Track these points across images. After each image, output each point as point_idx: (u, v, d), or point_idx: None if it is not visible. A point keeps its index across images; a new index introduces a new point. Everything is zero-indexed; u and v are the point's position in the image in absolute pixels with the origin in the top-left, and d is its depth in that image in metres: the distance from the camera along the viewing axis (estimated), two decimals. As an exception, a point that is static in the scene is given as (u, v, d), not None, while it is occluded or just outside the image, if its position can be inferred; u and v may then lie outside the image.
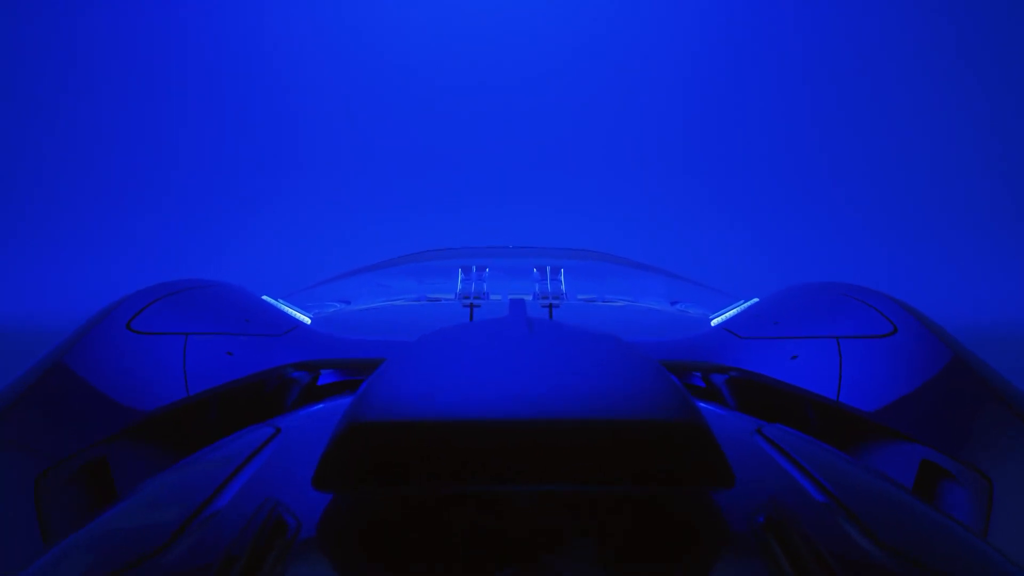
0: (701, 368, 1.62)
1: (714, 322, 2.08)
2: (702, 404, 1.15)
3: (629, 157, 6.06)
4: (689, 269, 3.12)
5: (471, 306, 2.16)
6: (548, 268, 2.32)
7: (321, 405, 1.09)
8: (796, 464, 0.85)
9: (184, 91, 6.12)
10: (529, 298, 2.19)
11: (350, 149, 6.08)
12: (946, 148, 6.05)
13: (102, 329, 1.39)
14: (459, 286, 2.23)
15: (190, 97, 6.14)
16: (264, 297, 2.17)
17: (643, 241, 5.62)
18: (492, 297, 2.19)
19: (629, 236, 5.68)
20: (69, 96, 6.04)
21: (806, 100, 6.17)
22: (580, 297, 2.21)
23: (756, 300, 2.18)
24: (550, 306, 2.16)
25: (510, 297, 1.50)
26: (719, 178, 6.05)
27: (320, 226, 5.76)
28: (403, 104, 6.14)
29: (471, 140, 6.06)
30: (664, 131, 6.11)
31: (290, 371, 1.53)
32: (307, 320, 2.07)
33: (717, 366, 1.57)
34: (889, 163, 6.09)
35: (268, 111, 6.16)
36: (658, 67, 6.15)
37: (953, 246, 5.72)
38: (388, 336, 1.74)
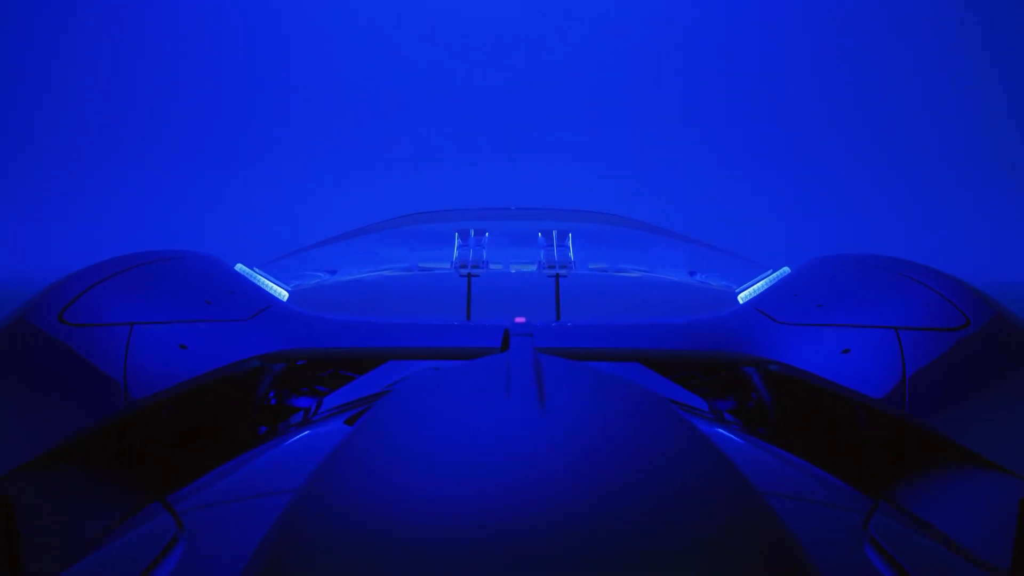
0: (733, 361, 1.39)
1: (741, 296, 1.86)
2: (766, 455, 0.89)
3: (640, 111, 5.76)
4: (702, 230, 2.89)
5: (468, 276, 1.94)
6: (555, 233, 2.09)
7: (246, 471, 0.83)
8: None
9: (158, 38, 5.80)
10: (533, 268, 1.97)
11: (338, 102, 5.78)
12: (974, 108, 5.75)
13: (27, 323, 1.14)
14: (455, 253, 2.01)
15: (164, 45, 5.82)
16: (238, 267, 1.94)
17: (652, 201, 5.36)
18: (492, 266, 1.97)
19: (637, 195, 5.42)
20: (29, 48, 5.71)
21: (824, 57, 5.85)
22: (591, 267, 1.98)
23: (786, 270, 1.96)
24: (557, 276, 1.94)
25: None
26: (734, 133, 5.76)
27: (306, 184, 5.48)
28: (396, 51, 5.82)
29: (470, 90, 5.76)
30: (678, 84, 5.81)
31: (255, 366, 1.29)
32: (284, 294, 1.84)
33: (753, 358, 1.34)
34: (912, 114, 5.79)
35: (250, 59, 5.85)
36: (676, 15, 5.82)
37: (981, 211, 5.47)
38: (373, 317, 1.52)
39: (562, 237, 2.08)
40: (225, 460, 1.00)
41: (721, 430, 1.09)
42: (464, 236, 2.09)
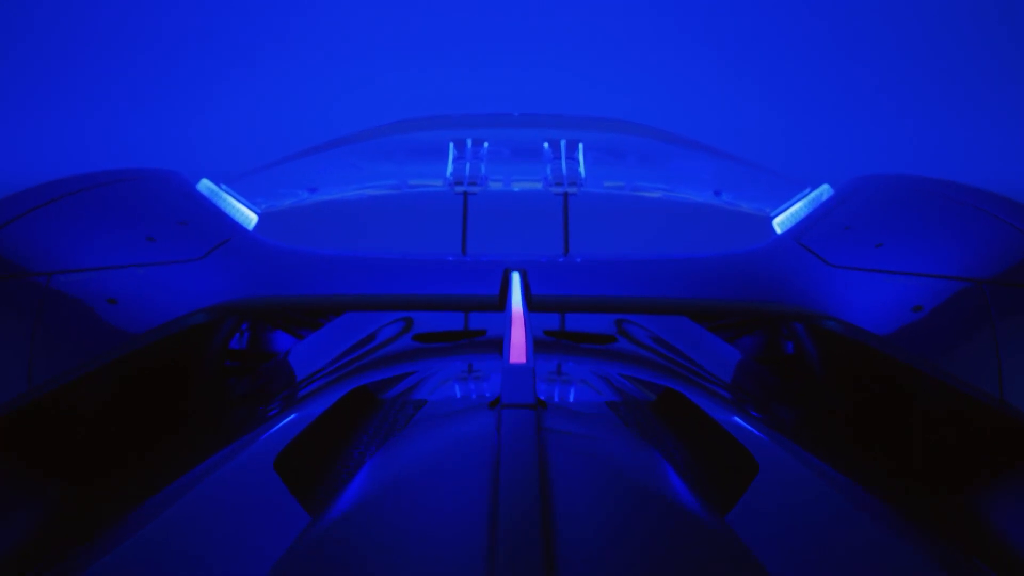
0: (778, 315, 1.15)
1: (778, 223, 1.63)
2: None
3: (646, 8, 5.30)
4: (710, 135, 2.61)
5: (465, 194, 1.70)
6: (563, 143, 1.83)
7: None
8: None
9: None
10: (539, 185, 1.73)
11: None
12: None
13: None
14: (450, 167, 1.76)
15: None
16: (203, 183, 1.71)
17: (658, 106, 4.98)
18: (491, 184, 1.73)
19: (641, 99, 5.03)
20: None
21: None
22: (605, 184, 1.74)
23: (826, 189, 1.72)
24: (565, 195, 1.70)
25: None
26: (744, 35, 5.32)
27: (288, 85, 5.07)
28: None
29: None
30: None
31: (202, 321, 1.06)
32: (252, 218, 1.61)
33: (803, 312, 1.10)
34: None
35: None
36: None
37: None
38: (351, 251, 1.29)
39: (571, 148, 1.83)
40: (163, 462, 0.80)
41: (754, 431, 0.88)
42: (460, 146, 1.84)
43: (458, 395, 0.95)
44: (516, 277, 1.17)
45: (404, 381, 0.98)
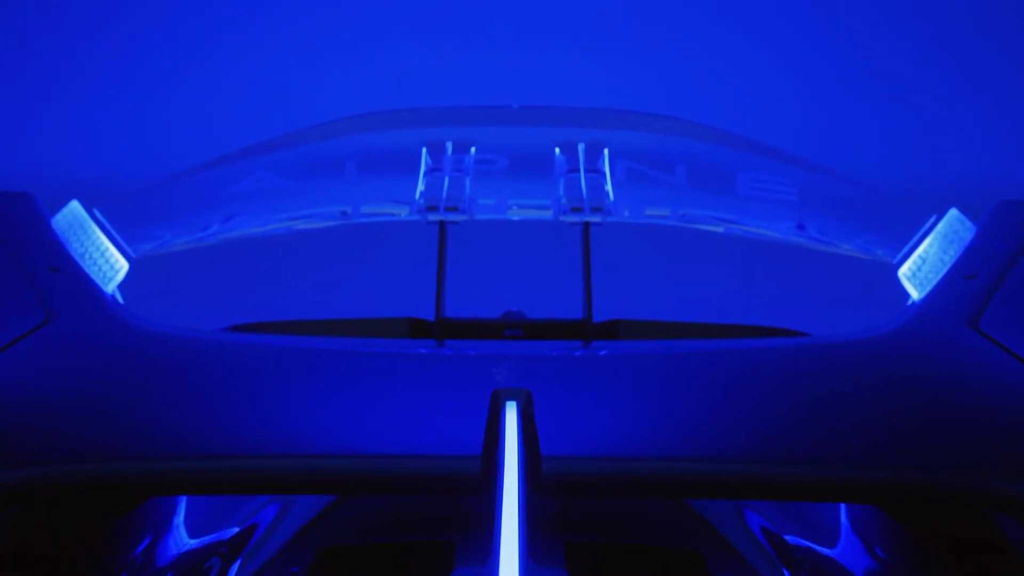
0: (977, 499, 0.65)
1: (905, 273, 1.13)
2: None
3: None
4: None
5: (441, 224, 1.22)
6: (581, 148, 1.37)
7: None
8: None
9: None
10: (548, 212, 1.24)
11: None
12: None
13: None
14: (421, 184, 1.27)
15: None
16: (69, 208, 1.23)
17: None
18: (480, 210, 1.23)
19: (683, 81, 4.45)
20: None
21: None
22: (647, 212, 1.25)
23: (958, 220, 1.22)
24: (585, 225, 1.21)
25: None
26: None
27: (261, 68, 4.50)
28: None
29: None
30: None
31: None
32: (121, 267, 1.12)
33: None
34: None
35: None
36: None
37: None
38: (256, 337, 0.82)
39: (592, 156, 1.36)
40: None
41: None
42: (436, 153, 1.35)
43: None
44: (511, 420, 0.68)
45: None
